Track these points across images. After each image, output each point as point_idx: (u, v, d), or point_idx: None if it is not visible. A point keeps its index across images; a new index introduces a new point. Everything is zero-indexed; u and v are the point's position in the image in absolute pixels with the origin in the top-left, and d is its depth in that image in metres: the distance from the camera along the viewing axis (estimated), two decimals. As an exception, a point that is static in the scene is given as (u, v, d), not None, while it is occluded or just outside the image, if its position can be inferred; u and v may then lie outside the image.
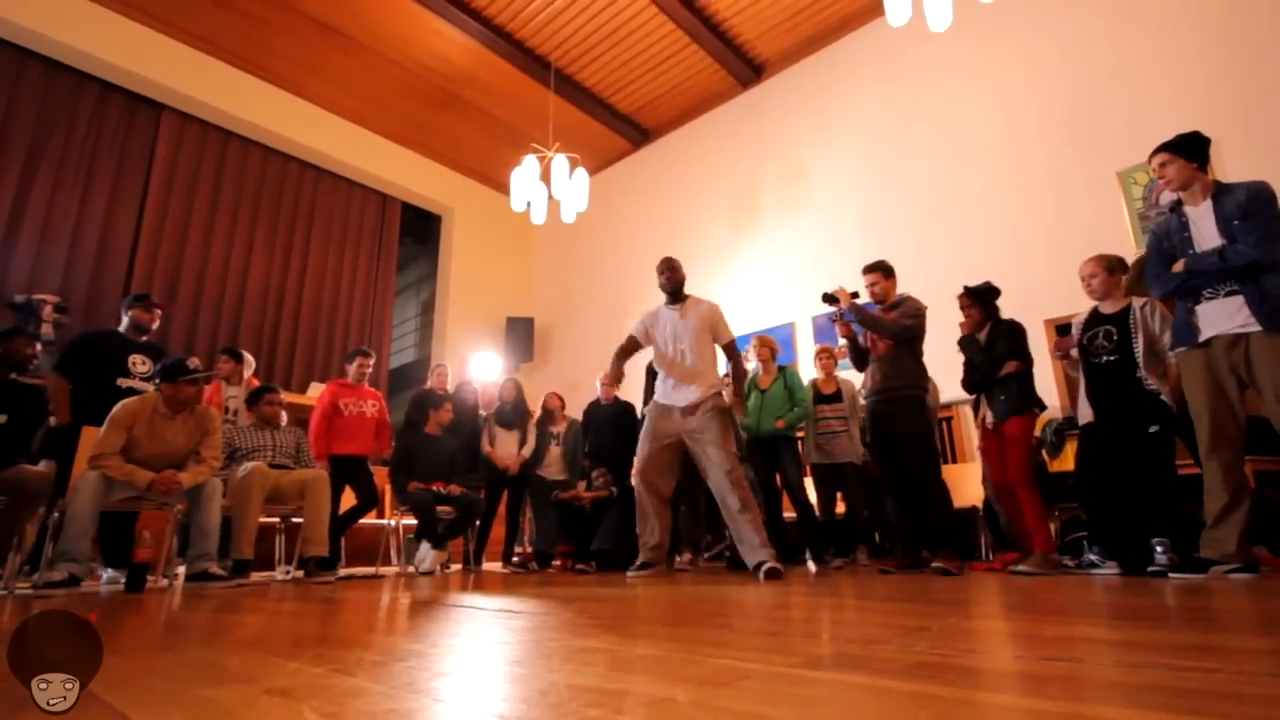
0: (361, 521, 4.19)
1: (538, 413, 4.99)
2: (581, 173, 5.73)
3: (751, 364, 4.23)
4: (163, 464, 3.15)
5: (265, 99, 6.57)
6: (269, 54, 6.28)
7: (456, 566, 4.56)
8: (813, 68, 6.34)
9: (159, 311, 3.87)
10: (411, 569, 4.04)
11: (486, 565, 4.73)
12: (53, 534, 2.95)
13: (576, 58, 6.46)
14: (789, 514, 4.13)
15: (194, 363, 3.35)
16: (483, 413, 4.99)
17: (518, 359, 7.84)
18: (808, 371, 5.10)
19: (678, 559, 4.18)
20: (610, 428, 4.63)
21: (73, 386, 3.39)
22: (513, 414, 4.76)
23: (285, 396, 4.24)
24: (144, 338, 3.75)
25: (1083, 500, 2.95)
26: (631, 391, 4.98)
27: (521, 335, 7.96)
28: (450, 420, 4.51)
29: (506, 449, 4.66)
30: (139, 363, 3.64)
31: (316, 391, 5.07)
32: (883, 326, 3.28)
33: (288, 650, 1.13)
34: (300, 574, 3.67)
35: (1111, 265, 2.96)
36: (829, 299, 3.40)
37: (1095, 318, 2.96)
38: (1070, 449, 3.73)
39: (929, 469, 3.20)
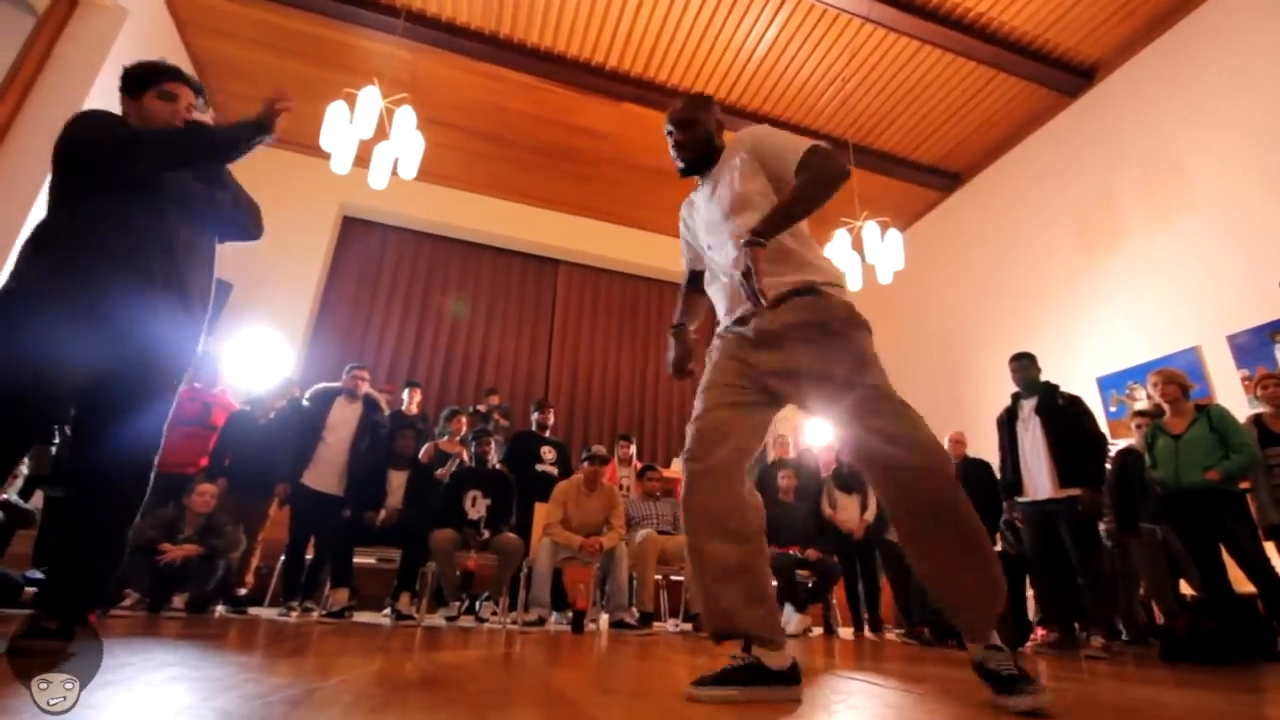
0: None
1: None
2: (894, 233, 5.77)
3: (1139, 404, 3.61)
4: (585, 531, 4.14)
5: (627, 240, 8.49)
6: (623, 204, 8.06)
7: (818, 630, 4.70)
8: (1163, 50, 5.36)
9: (550, 409, 5.20)
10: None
11: (842, 631, 4.78)
12: (525, 584, 4.08)
13: (870, 129, 6.65)
14: (1244, 587, 3.30)
15: (599, 449, 4.39)
16: (823, 475, 5.17)
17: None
18: (1230, 405, 4.07)
19: (1089, 641, 3.53)
20: (966, 486, 4.36)
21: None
22: (851, 478, 4.83)
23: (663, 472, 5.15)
24: (546, 432, 5.01)
25: None
26: (981, 444, 4.63)
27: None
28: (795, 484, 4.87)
29: (849, 513, 4.73)
30: (547, 452, 4.90)
31: (678, 465, 5.97)
32: None
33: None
34: (689, 626, 4.30)
35: None
36: None
37: None
38: None
39: None
